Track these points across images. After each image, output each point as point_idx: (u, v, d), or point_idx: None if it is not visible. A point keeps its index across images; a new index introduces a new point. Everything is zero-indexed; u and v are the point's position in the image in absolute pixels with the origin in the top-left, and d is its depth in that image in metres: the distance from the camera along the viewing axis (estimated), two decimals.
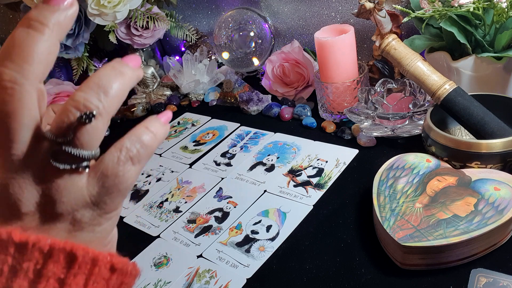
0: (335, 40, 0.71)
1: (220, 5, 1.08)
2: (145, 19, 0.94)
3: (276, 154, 0.73)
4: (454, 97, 0.56)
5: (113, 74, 0.25)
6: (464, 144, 0.53)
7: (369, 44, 0.90)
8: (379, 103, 0.69)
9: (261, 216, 0.61)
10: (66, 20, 0.24)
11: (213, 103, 0.96)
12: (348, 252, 0.52)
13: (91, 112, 0.24)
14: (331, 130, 0.76)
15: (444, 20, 0.61)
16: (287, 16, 0.98)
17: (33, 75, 0.23)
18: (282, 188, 0.65)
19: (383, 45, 0.60)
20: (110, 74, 0.25)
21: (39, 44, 0.23)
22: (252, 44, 0.98)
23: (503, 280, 0.43)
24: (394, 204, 0.50)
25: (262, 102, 0.88)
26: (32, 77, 0.23)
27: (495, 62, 0.62)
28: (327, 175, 0.66)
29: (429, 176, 0.53)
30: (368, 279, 0.48)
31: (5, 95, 0.22)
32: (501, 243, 0.47)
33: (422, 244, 0.44)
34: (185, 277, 0.54)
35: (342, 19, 0.91)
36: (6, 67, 0.22)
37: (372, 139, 0.70)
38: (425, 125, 0.58)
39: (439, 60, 0.66)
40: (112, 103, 0.25)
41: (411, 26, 0.82)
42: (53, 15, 0.23)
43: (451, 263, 0.46)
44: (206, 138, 0.84)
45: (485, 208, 0.47)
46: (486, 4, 0.58)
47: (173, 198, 0.69)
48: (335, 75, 0.74)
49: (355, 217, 0.57)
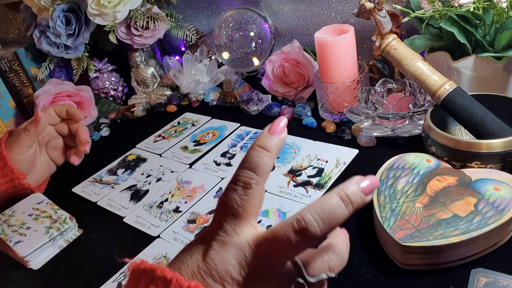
0: (335, 40, 0.71)
1: (220, 5, 1.08)
2: (145, 19, 0.94)
3: None
4: (454, 97, 0.57)
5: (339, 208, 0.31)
6: (464, 144, 0.53)
7: (369, 44, 0.90)
8: (379, 103, 0.69)
9: (261, 216, 0.61)
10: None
11: (213, 103, 0.96)
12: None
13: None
14: (331, 130, 0.76)
15: (444, 20, 0.61)
16: (287, 16, 0.98)
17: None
18: (282, 188, 0.65)
19: (383, 45, 0.60)
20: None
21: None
22: (252, 44, 0.98)
23: (503, 280, 0.43)
24: (394, 204, 0.50)
25: (262, 102, 0.88)
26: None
27: (495, 62, 0.62)
28: (327, 175, 0.66)
29: (429, 176, 0.53)
30: (368, 279, 0.48)
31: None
32: (501, 243, 0.47)
33: (422, 244, 0.44)
34: None
35: (342, 19, 0.91)
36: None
37: (372, 139, 0.70)
38: (425, 125, 0.58)
39: (439, 60, 0.66)
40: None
41: (411, 26, 0.82)
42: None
43: (451, 263, 0.46)
44: (206, 138, 0.84)
45: (485, 208, 0.47)
46: (486, 4, 0.58)
47: (173, 198, 0.69)
48: (335, 75, 0.74)
49: (355, 217, 0.57)
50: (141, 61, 1.04)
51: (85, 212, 0.70)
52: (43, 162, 0.79)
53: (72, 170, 0.82)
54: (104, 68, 1.03)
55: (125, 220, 0.67)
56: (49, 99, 0.92)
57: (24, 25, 1.06)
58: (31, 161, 0.75)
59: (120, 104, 1.05)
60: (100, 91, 1.03)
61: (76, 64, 0.98)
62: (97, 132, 0.94)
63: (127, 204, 0.70)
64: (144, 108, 0.99)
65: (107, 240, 0.64)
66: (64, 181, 0.80)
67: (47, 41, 0.94)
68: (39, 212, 0.67)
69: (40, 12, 0.95)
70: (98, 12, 0.89)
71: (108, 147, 0.90)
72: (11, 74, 0.99)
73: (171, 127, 0.91)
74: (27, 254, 0.61)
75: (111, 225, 0.67)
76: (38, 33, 0.95)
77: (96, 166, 0.83)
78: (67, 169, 0.82)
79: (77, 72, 0.97)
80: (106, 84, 1.03)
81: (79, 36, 0.94)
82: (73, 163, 0.80)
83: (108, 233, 0.66)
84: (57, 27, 0.92)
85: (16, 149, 0.72)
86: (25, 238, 0.62)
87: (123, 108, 1.01)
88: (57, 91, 0.93)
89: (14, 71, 1.00)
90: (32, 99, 0.96)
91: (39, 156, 0.78)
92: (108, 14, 0.90)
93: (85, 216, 0.69)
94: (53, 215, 0.66)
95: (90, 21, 0.92)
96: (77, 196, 0.75)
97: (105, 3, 0.87)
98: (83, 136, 0.78)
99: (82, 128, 0.79)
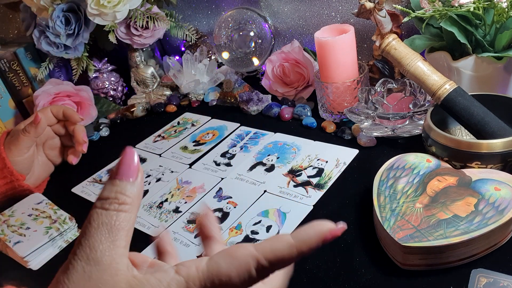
0: (335, 40, 0.71)
1: (220, 5, 1.08)
2: (145, 19, 0.94)
3: (276, 154, 0.73)
4: (454, 97, 0.56)
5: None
6: (465, 144, 0.53)
7: (369, 44, 0.90)
8: (379, 103, 0.69)
9: (261, 216, 0.61)
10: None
11: (213, 103, 0.96)
12: (348, 252, 0.52)
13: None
14: (331, 130, 0.76)
15: (444, 20, 0.61)
16: (287, 16, 0.98)
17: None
18: (282, 188, 0.65)
19: (383, 45, 0.60)
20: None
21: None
22: (252, 44, 0.98)
23: (503, 280, 0.43)
24: (394, 204, 0.50)
25: (262, 102, 0.88)
26: None
27: (495, 62, 0.61)
28: (327, 175, 0.66)
29: (430, 176, 0.53)
30: (368, 279, 0.48)
31: None
32: (502, 243, 0.47)
33: (422, 244, 0.44)
34: None
35: (342, 19, 0.91)
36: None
37: (372, 139, 0.70)
38: (425, 125, 0.58)
39: (439, 60, 0.66)
40: None
41: (411, 26, 0.82)
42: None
43: (452, 263, 0.46)
44: (206, 138, 0.84)
45: (486, 208, 0.46)
46: (487, 4, 0.58)
47: (173, 198, 0.69)
48: (335, 75, 0.74)
49: (355, 217, 0.57)
50: (141, 61, 1.04)
51: (84, 212, 0.69)
52: (41, 162, 0.78)
53: (71, 170, 0.82)
54: (103, 68, 1.03)
55: None
56: (49, 99, 0.92)
57: (24, 25, 1.06)
58: (30, 162, 0.75)
59: (119, 104, 1.05)
60: (100, 91, 1.02)
61: (75, 64, 0.98)
62: (96, 132, 0.94)
63: None
64: (144, 108, 0.99)
65: None
66: (63, 182, 0.80)
67: (46, 41, 0.94)
68: (38, 212, 0.67)
69: (40, 12, 0.95)
70: (97, 12, 0.89)
71: (107, 147, 0.90)
72: (10, 74, 0.99)
73: (170, 127, 0.91)
74: (27, 255, 0.61)
75: None
76: (37, 33, 0.95)
77: (95, 166, 0.82)
78: (67, 169, 0.82)
79: (76, 72, 0.97)
80: (106, 84, 1.03)
81: (78, 36, 0.94)
82: (71, 163, 0.80)
83: None
84: (57, 27, 0.92)
85: (15, 150, 0.72)
86: (24, 239, 0.62)
87: (122, 108, 1.00)
88: (56, 91, 0.93)
89: (14, 71, 1.00)
90: (32, 99, 0.96)
91: (37, 156, 0.78)
92: (108, 14, 0.90)
93: (85, 216, 0.68)
94: (52, 215, 0.66)
95: (89, 21, 0.92)
96: (76, 196, 0.75)
97: (104, 3, 0.87)
98: (80, 136, 0.78)
99: (79, 128, 0.78)
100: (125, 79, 1.08)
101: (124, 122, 0.99)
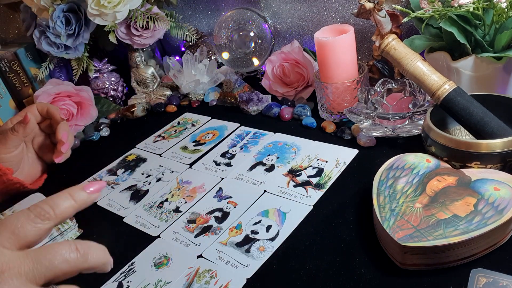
0: (335, 40, 0.71)
1: (220, 5, 1.08)
2: (145, 19, 0.94)
3: (276, 154, 0.73)
4: (454, 97, 0.57)
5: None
6: (464, 144, 0.53)
7: (369, 44, 0.90)
8: (379, 103, 0.69)
9: (261, 216, 0.61)
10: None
11: (213, 103, 0.96)
12: (348, 252, 0.52)
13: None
14: (331, 130, 0.76)
15: (444, 20, 0.61)
16: (287, 16, 0.98)
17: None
18: (282, 188, 0.65)
19: (383, 45, 0.60)
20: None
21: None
22: (252, 44, 0.98)
23: (503, 280, 0.43)
24: (394, 204, 0.50)
25: (262, 102, 0.88)
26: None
27: (495, 62, 0.62)
28: (327, 175, 0.66)
29: (429, 176, 0.53)
30: (368, 279, 0.48)
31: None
32: (501, 243, 0.47)
33: (422, 244, 0.44)
34: (185, 277, 0.54)
35: (342, 19, 0.91)
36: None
37: (372, 139, 0.70)
38: (425, 125, 0.58)
39: (439, 60, 0.66)
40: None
41: (411, 26, 0.82)
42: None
43: (451, 263, 0.46)
44: (206, 138, 0.84)
45: (485, 208, 0.47)
46: (486, 4, 0.58)
47: (173, 198, 0.69)
48: (335, 75, 0.74)
49: (355, 217, 0.57)
50: (141, 61, 1.04)
51: (85, 212, 0.70)
52: (31, 159, 0.78)
53: (72, 170, 0.82)
54: (104, 68, 1.03)
55: (125, 220, 0.67)
56: (49, 99, 0.92)
57: (24, 25, 1.06)
58: (18, 160, 0.75)
59: (120, 104, 1.05)
60: (100, 91, 1.03)
61: (76, 64, 0.98)
62: (97, 132, 0.94)
63: (127, 204, 0.71)
64: (144, 108, 0.99)
65: (107, 240, 0.64)
66: (63, 181, 0.80)
67: (47, 41, 0.94)
68: None
69: (40, 12, 0.95)
70: (98, 12, 0.89)
71: (108, 147, 0.90)
72: (11, 74, 0.99)
73: (171, 127, 0.91)
74: None
75: (111, 225, 0.67)
76: (38, 33, 0.95)
77: (96, 166, 0.83)
78: (67, 169, 0.82)
79: (77, 72, 0.97)
80: (106, 84, 1.03)
81: (79, 36, 0.94)
82: (55, 161, 0.78)
83: (108, 233, 0.66)
84: (57, 27, 0.92)
85: (3, 148, 0.72)
86: None
87: (123, 108, 1.01)
88: (57, 91, 0.93)
89: (14, 71, 1.00)
90: (32, 99, 0.96)
91: (27, 153, 0.78)
92: (108, 14, 0.90)
93: (85, 216, 0.68)
94: None
95: (90, 21, 0.92)
96: None
97: (105, 3, 0.87)
98: (59, 135, 0.75)
99: (61, 127, 0.76)
100: (125, 79, 1.08)
101: (124, 122, 0.99)
